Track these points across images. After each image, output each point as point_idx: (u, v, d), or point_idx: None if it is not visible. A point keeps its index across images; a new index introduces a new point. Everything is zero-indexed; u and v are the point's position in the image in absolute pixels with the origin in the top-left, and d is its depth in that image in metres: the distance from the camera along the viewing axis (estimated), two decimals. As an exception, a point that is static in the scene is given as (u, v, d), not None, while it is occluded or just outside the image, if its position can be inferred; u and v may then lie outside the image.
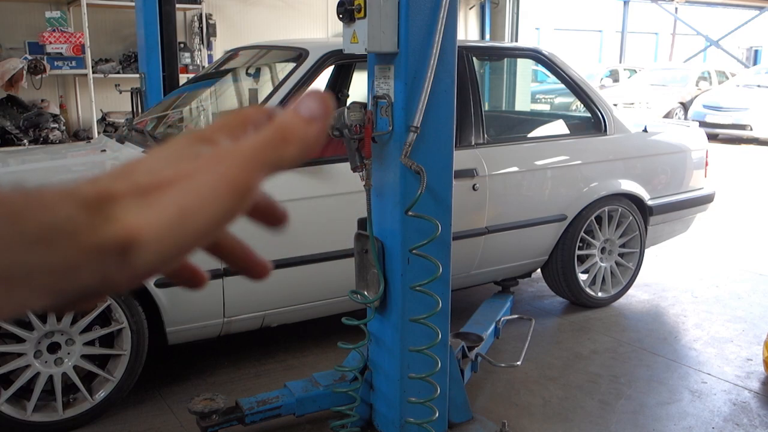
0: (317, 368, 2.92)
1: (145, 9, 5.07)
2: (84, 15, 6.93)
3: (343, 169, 2.57)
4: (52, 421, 2.58)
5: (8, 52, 6.99)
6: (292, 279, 2.92)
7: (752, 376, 3.16)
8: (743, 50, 21.23)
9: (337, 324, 2.63)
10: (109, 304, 2.59)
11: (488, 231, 3.37)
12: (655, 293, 4.27)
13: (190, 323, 2.79)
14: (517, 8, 9.81)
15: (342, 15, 2.21)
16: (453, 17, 2.20)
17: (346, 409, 2.48)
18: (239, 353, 3.30)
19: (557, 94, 13.17)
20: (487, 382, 3.04)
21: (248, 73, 3.98)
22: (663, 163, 4.06)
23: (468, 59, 3.38)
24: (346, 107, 2.33)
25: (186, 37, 8.04)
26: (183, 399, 2.81)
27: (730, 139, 12.45)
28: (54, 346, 2.59)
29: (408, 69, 2.19)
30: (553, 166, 3.62)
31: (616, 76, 16.63)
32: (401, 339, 2.38)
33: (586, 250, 3.82)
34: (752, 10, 19.38)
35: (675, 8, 19.19)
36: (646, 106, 13.67)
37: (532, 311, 3.94)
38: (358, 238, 2.45)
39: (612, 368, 3.22)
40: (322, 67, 3.07)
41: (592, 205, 3.72)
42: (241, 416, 2.43)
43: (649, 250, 4.23)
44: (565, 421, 2.75)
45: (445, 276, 2.37)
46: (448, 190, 2.36)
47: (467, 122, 3.31)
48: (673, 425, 2.74)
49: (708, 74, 14.82)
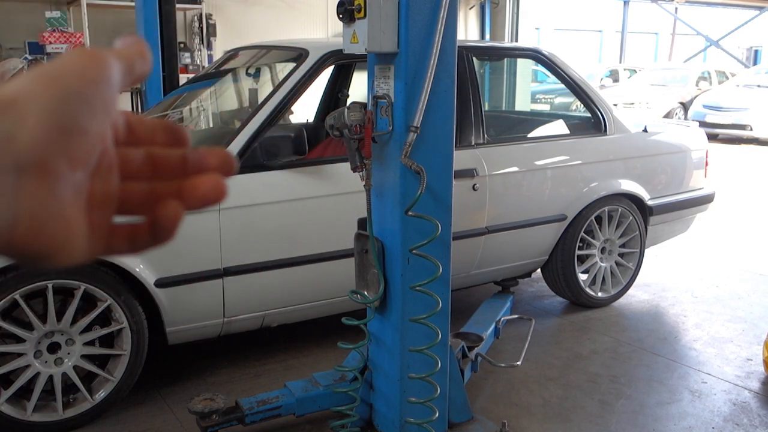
0: (317, 368, 2.92)
1: (145, 9, 5.07)
2: (84, 15, 6.94)
3: (343, 169, 2.57)
4: (52, 421, 2.58)
5: (8, 52, 7.00)
6: (292, 279, 2.92)
7: (752, 376, 3.16)
8: (743, 50, 21.25)
9: (337, 324, 2.63)
10: (109, 304, 2.59)
11: (488, 231, 3.37)
12: (655, 293, 4.27)
13: (190, 323, 2.79)
14: (517, 8, 9.81)
15: (342, 15, 2.21)
16: (453, 17, 2.20)
17: (346, 409, 2.48)
18: (239, 353, 3.30)
19: (557, 94, 13.17)
20: (487, 382, 3.04)
21: (248, 73, 3.98)
22: (663, 163, 4.06)
23: (468, 59, 3.38)
24: (346, 107, 2.33)
25: (186, 37, 8.05)
26: (183, 399, 2.81)
27: (730, 139, 12.45)
28: (54, 346, 2.59)
29: (408, 69, 2.19)
30: (553, 166, 3.62)
31: (616, 76, 16.63)
32: (401, 339, 2.38)
33: (586, 250, 3.82)
34: (752, 10, 19.39)
35: (675, 8, 19.20)
36: (646, 106, 13.67)
37: (532, 311, 3.94)
38: (358, 238, 2.45)
39: (612, 368, 3.22)
40: (322, 67, 3.07)
41: (592, 205, 3.72)
42: (241, 416, 2.43)
43: (649, 250, 4.23)
44: (565, 421, 2.75)
45: (445, 276, 2.37)
46: (448, 190, 2.36)
47: (467, 122, 3.31)
48: (673, 425, 2.74)
49: (708, 74, 14.82)
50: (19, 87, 0.35)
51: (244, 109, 3.91)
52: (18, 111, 0.34)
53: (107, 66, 0.38)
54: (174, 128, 0.45)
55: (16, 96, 0.35)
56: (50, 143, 0.35)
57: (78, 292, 2.53)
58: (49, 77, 0.36)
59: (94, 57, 0.38)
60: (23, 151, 0.34)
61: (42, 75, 0.36)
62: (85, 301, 2.60)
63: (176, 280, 2.68)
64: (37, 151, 0.34)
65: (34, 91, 0.35)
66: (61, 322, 2.55)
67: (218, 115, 4.06)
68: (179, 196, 0.42)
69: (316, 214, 2.94)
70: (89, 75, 0.37)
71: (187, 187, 0.42)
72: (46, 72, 0.36)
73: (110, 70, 0.38)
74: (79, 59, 0.37)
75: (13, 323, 2.50)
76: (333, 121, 2.32)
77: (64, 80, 0.36)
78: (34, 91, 0.35)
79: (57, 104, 0.35)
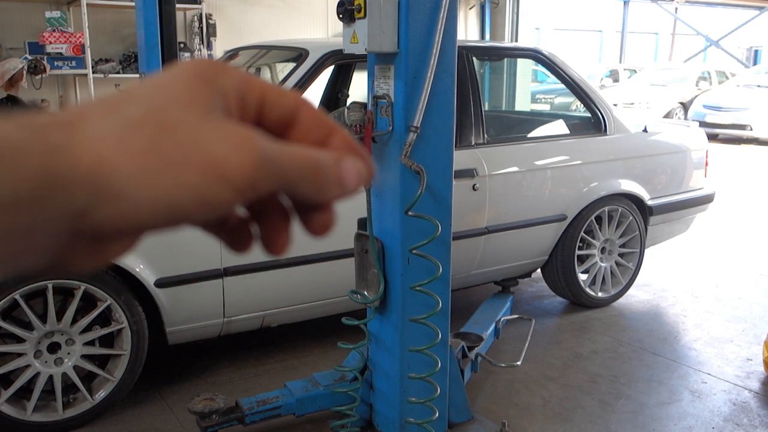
0: (317, 368, 2.92)
1: (145, 9, 5.06)
2: (84, 15, 6.93)
3: (343, 169, 2.57)
4: (52, 421, 2.58)
5: (8, 52, 6.99)
6: (292, 279, 2.92)
7: (752, 376, 3.16)
8: (743, 50, 21.25)
9: (337, 324, 2.63)
10: (109, 304, 2.59)
11: (488, 231, 3.37)
12: (655, 293, 4.27)
13: (190, 323, 2.79)
14: (517, 8, 9.80)
15: (342, 15, 2.21)
16: (453, 17, 2.20)
17: (346, 409, 2.48)
18: (239, 353, 3.30)
19: (557, 94, 13.17)
20: (487, 382, 3.04)
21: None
22: (663, 163, 4.06)
23: (468, 59, 3.38)
24: (346, 107, 2.32)
25: (186, 37, 8.04)
26: (183, 399, 2.81)
27: (730, 139, 12.44)
28: (54, 346, 2.59)
29: (408, 69, 2.19)
30: (553, 166, 3.62)
31: (616, 76, 16.63)
32: (401, 339, 2.38)
33: (586, 250, 3.82)
34: (752, 10, 19.38)
35: (675, 8, 19.19)
36: (646, 106, 13.67)
37: (532, 311, 3.94)
38: (358, 238, 2.45)
39: (612, 368, 3.22)
40: (322, 67, 3.07)
41: (592, 205, 3.72)
42: (241, 416, 2.43)
43: (649, 250, 4.23)
44: (565, 421, 2.75)
45: (445, 276, 2.37)
46: (448, 190, 2.36)
47: (467, 122, 3.30)
48: (673, 425, 2.74)
49: (708, 74, 14.82)
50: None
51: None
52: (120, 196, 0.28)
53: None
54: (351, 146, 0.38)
55: (110, 173, 0.28)
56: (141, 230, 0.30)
57: (78, 292, 2.53)
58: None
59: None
60: (102, 228, 0.29)
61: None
62: (85, 301, 2.60)
63: (176, 280, 2.68)
64: (120, 235, 0.30)
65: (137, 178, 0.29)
66: (61, 322, 2.55)
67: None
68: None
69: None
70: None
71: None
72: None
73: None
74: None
75: (13, 323, 2.50)
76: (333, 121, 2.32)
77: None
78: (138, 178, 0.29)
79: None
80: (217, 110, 0.32)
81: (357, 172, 0.35)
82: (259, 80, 0.36)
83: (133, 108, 0.30)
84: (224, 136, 0.31)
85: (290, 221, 0.38)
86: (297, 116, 0.37)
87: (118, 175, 0.28)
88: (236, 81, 0.34)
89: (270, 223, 0.37)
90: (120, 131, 0.29)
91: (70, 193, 0.27)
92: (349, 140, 0.38)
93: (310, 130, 0.37)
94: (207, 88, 0.32)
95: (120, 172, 0.28)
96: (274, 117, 0.36)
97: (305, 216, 0.38)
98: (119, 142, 0.28)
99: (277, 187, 0.33)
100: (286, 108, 0.36)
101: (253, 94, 0.35)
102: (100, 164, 0.28)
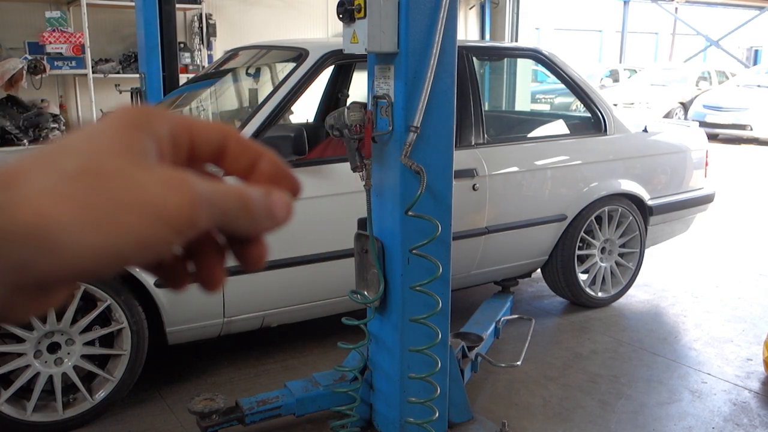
0: (317, 368, 2.92)
1: (145, 9, 5.06)
2: (84, 15, 6.93)
3: (343, 169, 2.57)
4: (52, 421, 2.58)
5: (8, 52, 6.99)
6: (292, 279, 2.92)
7: (752, 376, 3.16)
8: (743, 50, 21.24)
9: (337, 324, 2.63)
10: (109, 304, 2.59)
11: (488, 231, 3.37)
12: (655, 293, 4.27)
13: (190, 323, 2.79)
14: (517, 8, 9.81)
15: (342, 15, 2.21)
16: (453, 17, 2.20)
17: (346, 409, 2.48)
18: (239, 353, 3.30)
19: (557, 94, 13.17)
20: (487, 382, 3.04)
21: (248, 73, 3.97)
22: (663, 163, 4.06)
23: (468, 59, 3.37)
24: (346, 107, 2.32)
25: (186, 37, 8.04)
26: (183, 399, 2.81)
27: (730, 139, 12.45)
28: (54, 346, 2.59)
29: (408, 69, 2.19)
30: (553, 166, 3.62)
31: (616, 76, 16.63)
32: (401, 339, 2.38)
33: (586, 250, 3.82)
34: (752, 10, 19.38)
35: (675, 8, 19.19)
36: (646, 106, 13.67)
37: (532, 311, 3.94)
38: (358, 238, 2.45)
39: (612, 368, 3.22)
40: (322, 67, 3.07)
41: (592, 205, 3.72)
42: (241, 416, 2.43)
43: (649, 250, 4.23)
44: (565, 421, 2.75)
45: (445, 276, 2.37)
46: (448, 190, 2.36)
47: (467, 122, 3.30)
48: (673, 425, 2.74)
49: (708, 74, 14.82)
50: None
51: (244, 109, 3.91)
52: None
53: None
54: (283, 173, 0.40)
55: (48, 225, 0.30)
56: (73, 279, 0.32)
57: (78, 292, 2.53)
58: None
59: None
60: (45, 278, 0.30)
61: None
62: (85, 301, 2.60)
63: (176, 280, 2.67)
64: (57, 284, 0.31)
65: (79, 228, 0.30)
66: (61, 322, 2.55)
67: (218, 115, 4.05)
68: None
69: (316, 214, 2.93)
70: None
71: None
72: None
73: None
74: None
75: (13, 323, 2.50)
76: (333, 121, 2.32)
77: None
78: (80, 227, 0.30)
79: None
80: (151, 155, 0.34)
81: (284, 204, 0.38)
82: (186, 119, 0.38)
83: (70, 160, 0.32)
84: (159, 179, 0.32)
85: (225, 257, 0.40)
86: (226, 147, 0.39)
87: (59, 227, 0.29)
88: (166, 124, 0.36)
89: (205, 260, 0.39)
90: (58, 184, 0.30)
91: (12, 249, 0.29)
92: (276, 162, 0.40)
93: (240, 158, 0.40)
94: (139, 134, 0.34)
95: (60, 224, 0.29)
96: (205, 151, 0.39)
97: (239, 250, 0.40)
98: (58, 195, 0.30)
99: (213, 224, 0.35)
100: (214, 141, 0.39)
101: (182, 134, 0.37)
102: (41, 218, 0.29)
